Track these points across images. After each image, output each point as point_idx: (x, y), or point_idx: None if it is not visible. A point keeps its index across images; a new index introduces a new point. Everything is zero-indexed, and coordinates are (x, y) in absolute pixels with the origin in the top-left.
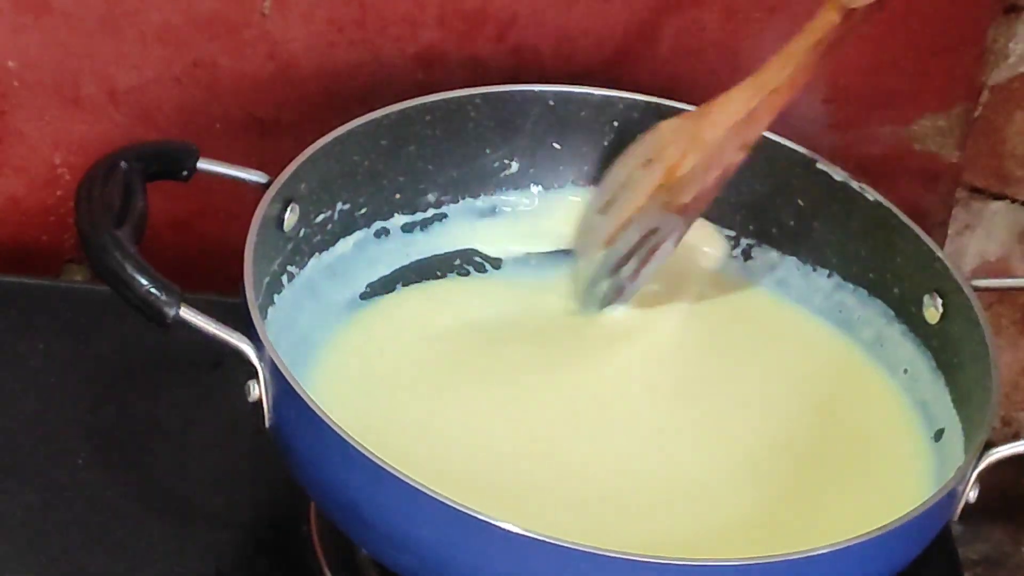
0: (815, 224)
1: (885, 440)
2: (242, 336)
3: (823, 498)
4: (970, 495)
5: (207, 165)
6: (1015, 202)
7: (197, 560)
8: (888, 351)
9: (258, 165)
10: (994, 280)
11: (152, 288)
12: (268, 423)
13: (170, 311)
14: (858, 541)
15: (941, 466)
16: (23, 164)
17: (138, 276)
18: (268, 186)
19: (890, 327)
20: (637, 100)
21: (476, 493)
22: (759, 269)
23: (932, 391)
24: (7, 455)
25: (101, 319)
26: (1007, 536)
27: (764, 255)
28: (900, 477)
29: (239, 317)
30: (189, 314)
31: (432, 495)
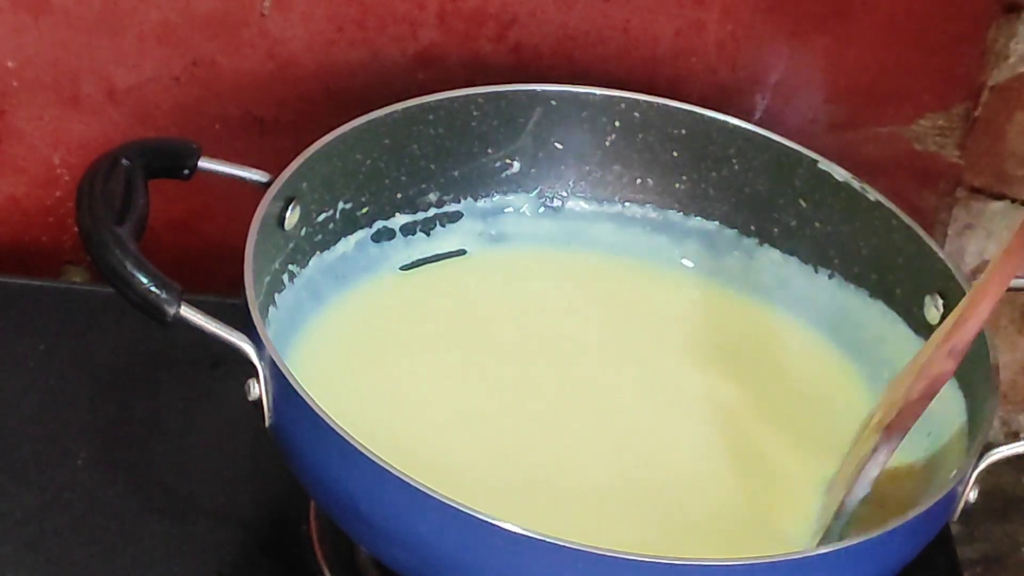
0: (817, 224)
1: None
2: (242, 335)
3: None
4: (970, 495)
5: (208, 164)
6: (1015, 202)
7: (197, 560)
8: (889, 351)
9: (257, 164)
10: None
11: (152, 286)
12: (268, 422)
13: (170, 309)
14: (857, 541)
15: (943, 466)
16: (22, 164)
17: (139, 274)
18: (269, 185)
19: (891, 327)
20: (639, 100)
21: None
22: (761, 269)
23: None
24: (7, 455)
25: (101, 320)
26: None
27: (766, 255)
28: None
29: (239, 317)
30: (189, 312)
31: (431, 494)
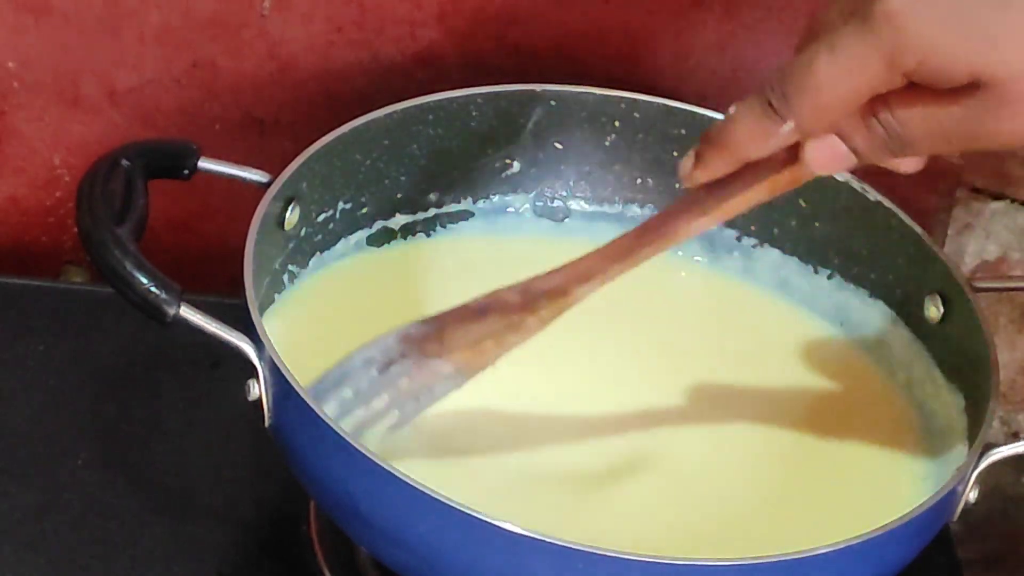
0: (816, 224)
1: (886, 440)
2: (242, 335)
3: (823, 497)
4: (970, 496)
5: (208, 164)
6: (1015, 202)
7: (196, 560)
8: (889, 351)
9: (257, 166)
10: (996, 281)
11: (152, 286)
12: (268, 422)
13: (170, 309)
14: (858, 541)
15: (943, 466)
16: (22, 165)
17: (138, 274)
18: (269, 185)
19: (891, 327)
20: (639, 100)
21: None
22: (761, 269)
23: (933, 391)
24: (7, 456)
25: (100, 320)
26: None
27: (766, 255)
28: (900, 477)
29: (239, 317)
30: (189, 312)
31: (431, 494)
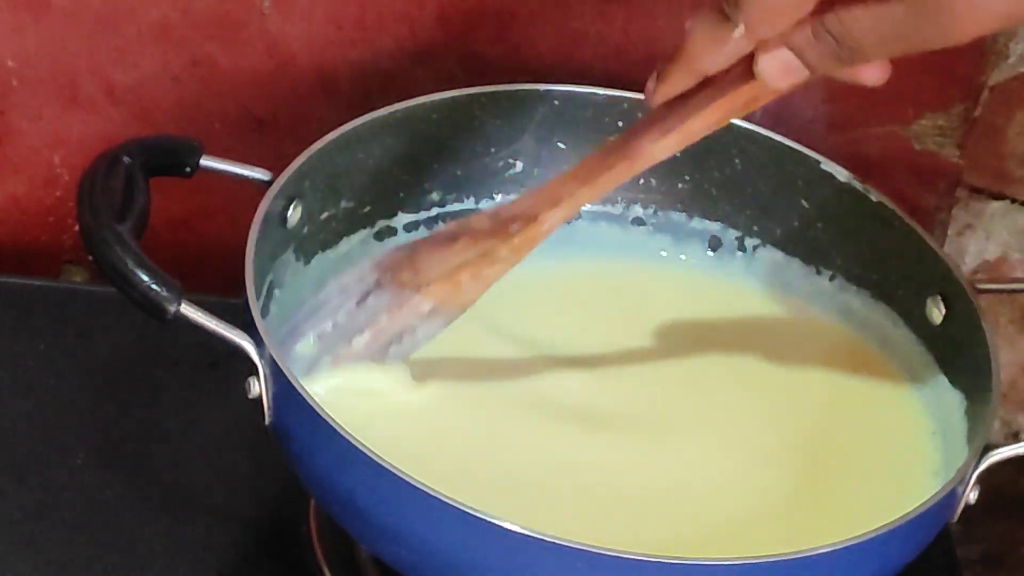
0: (819, 225)
1: (888, 441)
2: (242, 332)
3: (827, 498)
4: (970, 496)
5: (210, 162)
6: (1015, 202)
7: (196, 560)
8: (891, 352)
9: (256, 163)
10: (997, 283)
11: (153, 284)
12: (268, 420)
13: (170, 307)
14: (857, 541)
15: (944, 466)
16: (22, 164)
17: (139, 271)
18: (271, 183)
19: (893, 328)
20: (642, 100)
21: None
22: (763, 270)
23: (935, 392)
24: (6, 455)
25: (100, 320)
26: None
27: (768, 256)
28: (904, 477)
29: (240, 316)
30: (189, 310)
31: (430, 492)
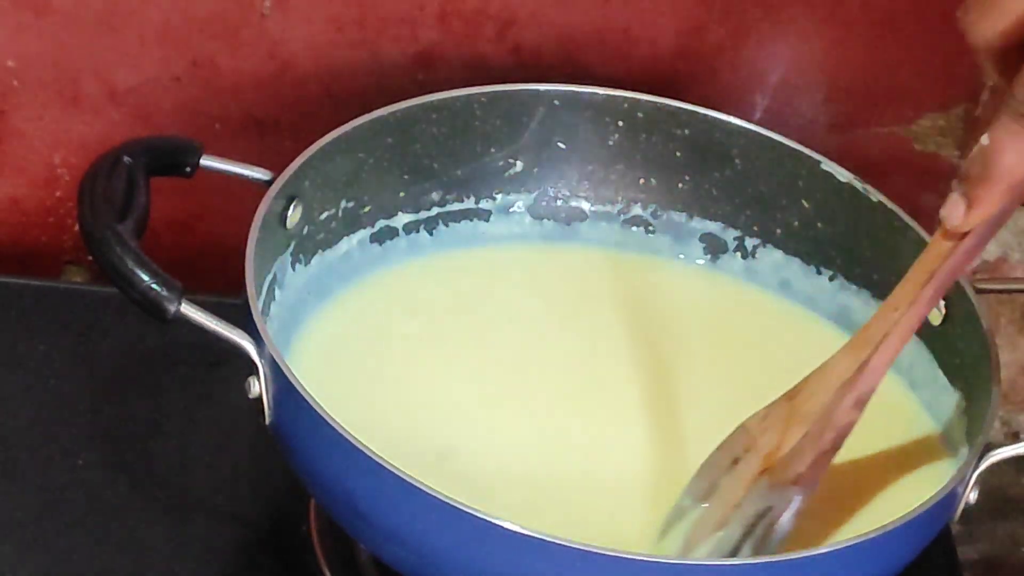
0: (819, 225)
1: (889, 441)
2: (243, 332)
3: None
4: (970, 496)
5: (210, 162)
6: None
7: (196, 560)
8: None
9: (257, 165)
10: (997, 283)
11: (153, 283)
12: (268, 420)
13: (171, 307)
14: (857, 541)
15: (944, 467)
16: (23, 164)
17: (139, 271)
18: (271, 183)
19: None
20: (642, 100)
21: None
22: (763, 270)
23: (934, 392)
24: (7, 456)
25: (101, 320)
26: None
27: (768, 256)
28: (903, 477)
29: (240, 316)
30: (190, 310)
31: (430, 492)
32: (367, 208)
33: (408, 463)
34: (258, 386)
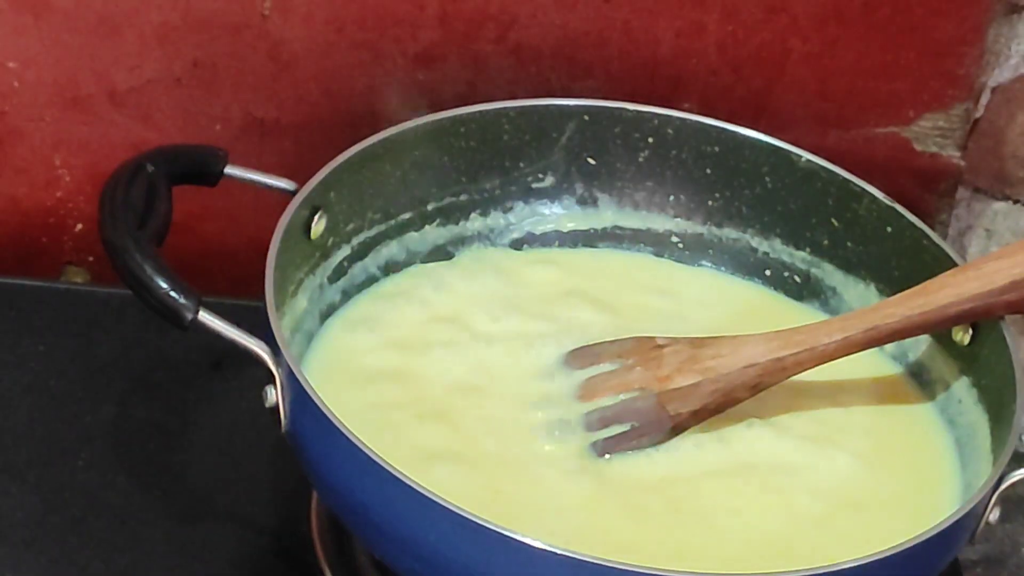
0: (849, 244)
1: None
2: (259, 341)
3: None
4: (990, 516)
5: (234, 171)
6: (1016, 203)
7: (197, 560)
8: (925, 372)
9: (257, 166)
10: None
11: (172, 291)
12: (284, 428)
13: (188, 314)
14: (878, 557)
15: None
16: (23, 165)
17: (158, 279)
18: (295, 194)
19: (927, 349)
20: (672, 116)
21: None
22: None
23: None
24: (7, 456)
25: (101, 320)
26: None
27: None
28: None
29: (249, 319)
30: (208, 317)
31: (447, 506)
32: (394, 221)
33: (424, 476)
34: (275, 394)
